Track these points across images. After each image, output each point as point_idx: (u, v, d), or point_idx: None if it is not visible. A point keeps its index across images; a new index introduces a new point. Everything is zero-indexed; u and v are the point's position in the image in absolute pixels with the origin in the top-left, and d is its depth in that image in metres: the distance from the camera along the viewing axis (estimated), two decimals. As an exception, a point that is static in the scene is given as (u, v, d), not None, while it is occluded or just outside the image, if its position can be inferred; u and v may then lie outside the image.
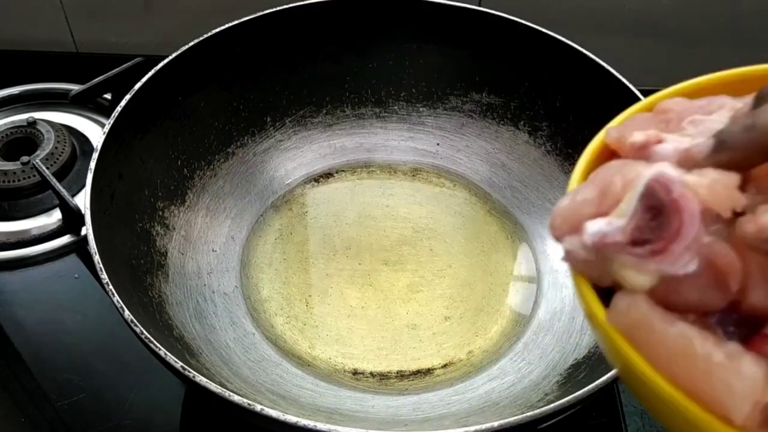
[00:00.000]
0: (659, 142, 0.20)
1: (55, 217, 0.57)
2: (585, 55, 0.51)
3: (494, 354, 0.48)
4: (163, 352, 0.35)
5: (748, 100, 0.21)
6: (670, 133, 0.21)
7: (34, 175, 0.58)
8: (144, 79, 0.49)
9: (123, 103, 0.47)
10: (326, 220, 0.56)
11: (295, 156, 0.59)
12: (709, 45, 0.67)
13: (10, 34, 0.72)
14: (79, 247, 0.56)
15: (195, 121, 0.54)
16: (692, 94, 0.23)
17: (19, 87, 0.68)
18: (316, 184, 0.59)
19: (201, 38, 0.52)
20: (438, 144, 0.60)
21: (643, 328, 0.18)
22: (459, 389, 0.46)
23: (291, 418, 0.33)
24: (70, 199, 0.54)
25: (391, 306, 0.51)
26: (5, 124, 0.62)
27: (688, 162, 0.19)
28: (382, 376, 0.47)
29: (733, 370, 0.17)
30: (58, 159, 0.59)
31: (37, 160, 0.56)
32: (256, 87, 0.57)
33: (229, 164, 0.56)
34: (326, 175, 0.59)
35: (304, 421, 0.33)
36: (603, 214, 0.19)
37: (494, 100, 0.58)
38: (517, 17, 0.54)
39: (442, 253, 0.54)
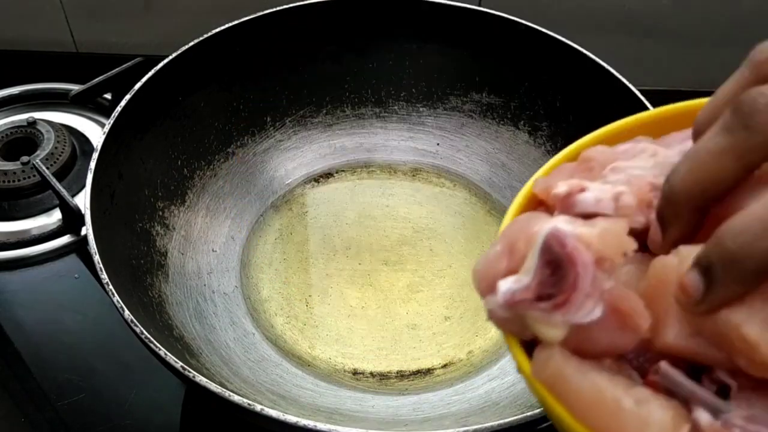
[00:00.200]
0: (582, 191, 0.21)
1: (55, 217, 0.57)
2: (585, 55, 0.51)
3: (494, 354, 0.48)
4: (163, 352, 0.35)
5: (668, 140, 0.22)
6: (592, 181, 0.21)
7: (34, 175, 0.58)
8: (144, 79, 0.49)
9: (123, 103, 0.47)
10: (326, 220, 0.56)
11: (295, 156, 0.59)
12: (709, 45, 0.67)
13: (10, 34, 0.72)
14: (79, 247, 0.55)
15: (195, 121, 0.54)
16: (614, 138, 0.24)
17: (19, 87, 0.68)
18: (316, 184, 0.59)
19: (201, 38, 0.52)
20: (438, 144, 0.60)
21: (560, 380, 0.19)
22: (459, 389, 0.46)
23: (291, 418, 0.33)
24: (70, 199, 0.54)
25: (391, 306, 0.51)
26: (5, 124, 0.62)
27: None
28: (382, 376, 0.47)
29: (641, 417, 0.17)
30: (58, 159, 0.59)
31: (37, 160, 0.56)
32: (256, 87, 0.57)
33: (229, 164, 0.56)
34: (326, 175, 0.59)
35: (304, 421, 0.33)
36: (513, 270, 0.20)
37: (494, 100, 0.58)
38: (517, 17, 0.54)
39: (442, 253, 0.54)
